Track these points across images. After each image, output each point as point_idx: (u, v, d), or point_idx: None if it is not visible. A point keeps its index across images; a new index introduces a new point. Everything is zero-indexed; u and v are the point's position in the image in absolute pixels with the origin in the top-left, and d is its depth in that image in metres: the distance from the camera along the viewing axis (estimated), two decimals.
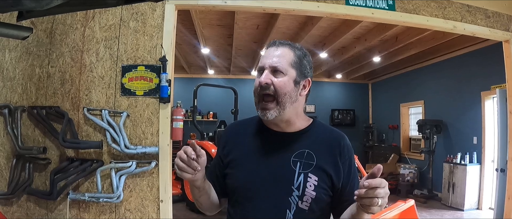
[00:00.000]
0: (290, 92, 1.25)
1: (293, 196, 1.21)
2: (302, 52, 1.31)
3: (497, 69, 5.35)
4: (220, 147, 1.42)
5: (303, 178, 1.22)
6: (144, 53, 3.18)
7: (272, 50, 1.29)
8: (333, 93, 11.29)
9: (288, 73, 1.25)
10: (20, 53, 3.12)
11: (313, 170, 1.23)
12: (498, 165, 4.73)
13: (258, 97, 1.27)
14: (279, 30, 6.33)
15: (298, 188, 1.21)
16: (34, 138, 3.07)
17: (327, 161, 1.26)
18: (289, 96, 1.25)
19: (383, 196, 1.01)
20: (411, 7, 3.77)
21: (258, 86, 1.26)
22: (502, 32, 4.11)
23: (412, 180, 8.04)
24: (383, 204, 1.02)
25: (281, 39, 1.38)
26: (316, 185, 1.22)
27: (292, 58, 1.27)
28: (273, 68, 1.25)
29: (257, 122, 1.39)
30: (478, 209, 6.51)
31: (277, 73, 1.25)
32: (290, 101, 1.26)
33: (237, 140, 1.38)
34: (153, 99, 3.16)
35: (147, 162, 3.08)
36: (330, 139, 1.32)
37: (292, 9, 3.52)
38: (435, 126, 7.54)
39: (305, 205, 1.21)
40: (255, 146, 1.33)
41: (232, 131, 1.45)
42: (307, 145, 1.28)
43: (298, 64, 1.28)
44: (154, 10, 3.21)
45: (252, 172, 1.27)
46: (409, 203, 4.47)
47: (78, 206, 3.06)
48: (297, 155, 1.26)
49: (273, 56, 1.26)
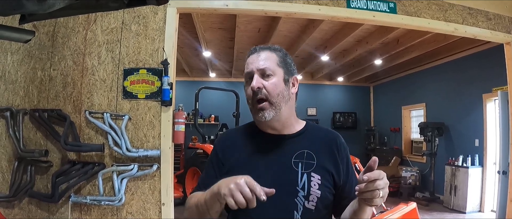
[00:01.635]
0: (282, 91, 1.27)
1: (299, 197, 1.21)
2: (282, 52, 1.34)
3: (498, 72, 5.35)
4: (215, 157, 1.36)
5: (306, 178, 1.22)
6: (145, 56, 3.19)
7: (255, 56, 1.30)
8: (334, 96, 11.27)
9: (277, 73, 1.27)
10: (22, 56, 3.14)
11: (315, 170, 1.24)
12: (500, 167, 4.71)
13: (252, 103, 1.28)
14: (281, 33, 6.33)
15: (303, 188, 1.21)
16: (36, 141, 3.08)
17: (327, 160, 1.28)
18: (282, 95, 1.27)
19: (383, 187, 1.02)
20: (413, 9, 3.77)
21: (251, 92, 1.26)
22: (503, 34, 4.11)
23: (414, 183, 8.02)
24: (385, 194, 1.03)
25: (282, 42, 1.38)
26: (320, 183, 1.22)
27: (276, 58, 1.30)
28: (261, 71, 1.26)
29: (251, 129, 1.38)
30: (480, 211, 6.48)
31: (266, 75, 1.26)
32: (284, 101, 1.27)
33: (234, 147, 1.35)
34: (155, 102, 3.16)
35: (148, 165, 3.08)
36: (327, 138, 1.34)
37: (294, 12, 3.52)
38: (437, 129, 7.52)
39: (311, 204, 1.21)
40: (253, 152, 1.31)
41: (227, 139, 1.42)
42: (305, 145, 1.29)
43: (283, 63, 1.30)
44: (155, 13, 3.22)
45: (254, 177, 1.21)
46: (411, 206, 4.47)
47: (80, 209, 3.06)
48: (298, 156, 1.26)
49: (259, 60, 1.28)
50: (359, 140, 10.88)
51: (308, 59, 8.47)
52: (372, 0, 3.66)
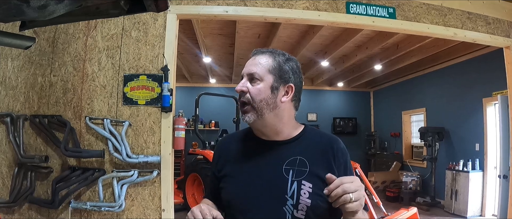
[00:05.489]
0: (266, 98, 1.24)
1: (288, 205, 1.18)
2: (284, 58, 1.30)
3: (498, 76, 5.35)
4: (214, 163, 1.40)
5: (296, 186, 1.19)
6: (146, 63, 3.19)
7: (251, 59, 1.31)
8: (334, 101, 11.28)
9: (265, 80, 1.25)
10: (22, 62, 3.15)
11: (306, 177, 1.20)
12: (501, 171, 4.71)
13: (239, 104, 1.30)
14: (280, 39, 6.36)
15: (292, 196, 1.18)
16: (36, 147, 3.08)
17: (321, 167, 1.22)
18: (266, 102, 1.24)
19: (355, 190, 1.01)
20: (412, 15, 3.78)
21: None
22: (502, 38, 4.11)
23: (415, 188, 7.99)
24: (358, 197, 1.02)
25: (282, 48, 1.38)
26: (311, 192, 1.18)
27: (270, 64, 1.27)
28: (249, 76, 1.27)
29: (248, 134, 1.38)
30: (481, 216, 6.46)
31: (253, 80, 1.26)
32: (268, 108, 1.24)
33: (229, 154, 1.36)
34: (155, 108, 3.17)
35: (149, 171, 3.08)
36: (323, 144, 1.29)
37: (293, 18, 3.53)
38: (437, 133, 7.52)
39: (301, 214, 1.17)
40: (246, 158, 1.31)
41: (224, 145, 1.42)
42: (298, 152, 1.25)
43: (276, 69, 1.27)
44: (156, 19, 3.23)
45: (244, 184, 1.25)
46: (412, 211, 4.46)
47: (80, 215, 3.05)
48: (289, 163, 1.23)
49: (252, 64, 1.28)
50: (360, 145, 10.88)
51: (308, 64, 8.49)
52: (371, 6, 3.67)
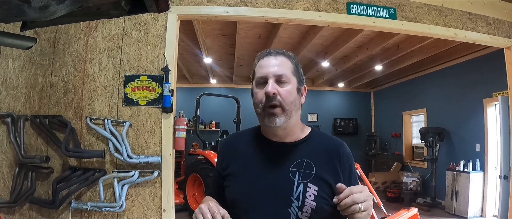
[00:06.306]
0: (294, 100, 1.24)
1: (293, 207, 1.18)
2: (295, 60, 1.31)
3: (499, 76, 5.35)
4: (219, 161, 1.40)
5: (302, 188, 1.19)
6: (146, 63, 3.20)
7: (271, 59, 1.26)
8: (335, 102, 11.28)
9: (291, 81, 1.24)
10: (23, 62, 3.15)
11: (312, 180, 1.20)
12: (502, 172, 4.71)
13: (263, 108, 1.23)
14: (281, 40, 6.35)
15: (297, 198, 1.18)
16: (36, 147, 3.08)
17: (327, 170, 1.23)
18: (294, 104, 1.24)
19: (364, 200, 1.02)
20: (412, 15, 3.78)
21: (262, 97, 1.22)
22: (503, 39, 4.11)
23: (415, 188, 7.99)
24: (367, 207, 1.03)
25: (283, 48, 1.36)
26: (316, 195, 1.19)
27: (291, 66, 1.27)
28: (278, 77, 1.22)
29: (255, 133, 1.37)
30: (481, 216, 6.45)
31: (281, 82, 1.22)
32: (295, 109, 1.25)
33: (235, 153, 1.35)
34: (156, 108, 3.17)
35: (149, 171, 3.08)
36: (329, 147, 1.29)
37: (294, 19, 3.54)
38: (438, 134, 7.51)
39: (305, 215, 1.17)
40: (252, 158, 1.30)
41: (230, 143, 1.42)
42: (305, 154, 1.25)
43: (296, 71, 1.28)
44: (156, 20, 3.24)
45: (250, 183, 1.25)
46: (413, 212, 4.46)
47: (81, 215, 3.06)
48: (296, 165, 1.23)
49: (275, 65, 1.23)
50: (360, 146, 10.86)
51: (308, 65, 8.48)
52: (372, 6, 3.67)
